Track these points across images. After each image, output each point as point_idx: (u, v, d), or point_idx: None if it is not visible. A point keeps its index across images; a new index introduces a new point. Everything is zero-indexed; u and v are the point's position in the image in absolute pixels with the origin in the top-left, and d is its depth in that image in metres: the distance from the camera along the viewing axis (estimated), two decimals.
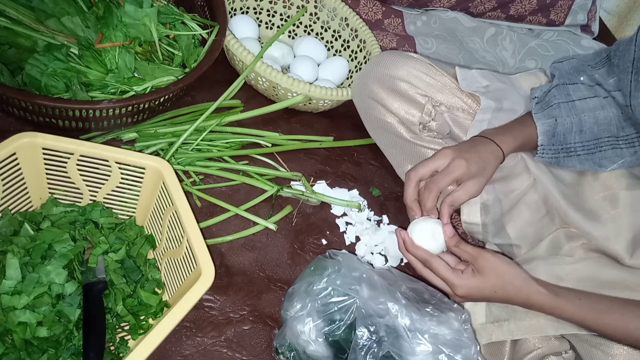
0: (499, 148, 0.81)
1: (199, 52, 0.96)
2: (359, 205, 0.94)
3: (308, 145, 1.02)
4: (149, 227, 0.78)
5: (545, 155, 0.84)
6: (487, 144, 0.81)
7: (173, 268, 0.72)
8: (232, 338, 0.77)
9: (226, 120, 0.97)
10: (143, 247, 0.74)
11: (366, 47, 1.14)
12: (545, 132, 0.83)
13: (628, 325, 0.68)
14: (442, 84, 0.92)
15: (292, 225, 0.92)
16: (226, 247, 0.86)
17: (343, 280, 0.71)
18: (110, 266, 0.69)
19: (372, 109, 0.97)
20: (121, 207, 0.78)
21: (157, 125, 0.92)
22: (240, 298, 0.81)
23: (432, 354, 0.67)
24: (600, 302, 0.70)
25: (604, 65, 0.85)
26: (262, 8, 1.21)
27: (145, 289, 0.71)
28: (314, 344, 0.69)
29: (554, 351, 0.75)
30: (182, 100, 0.97)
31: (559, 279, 0.78)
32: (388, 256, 0.93)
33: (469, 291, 0.70)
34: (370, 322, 0.68)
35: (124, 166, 0.72)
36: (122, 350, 0.67)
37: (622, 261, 0.77)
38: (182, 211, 0.68)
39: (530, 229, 0.86)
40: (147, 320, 0.71)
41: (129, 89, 0.88)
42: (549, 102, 0.84)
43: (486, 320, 0.78)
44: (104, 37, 0.87)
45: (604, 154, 0.82)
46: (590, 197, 0.83)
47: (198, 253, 0.65)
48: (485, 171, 0.79)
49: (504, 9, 1.35)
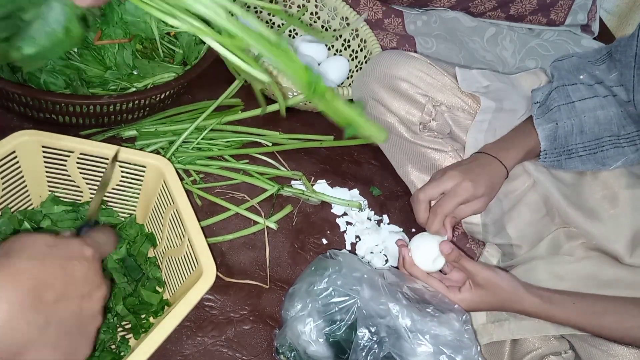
0: (503, 166, 0.83)
1: (199, 50, 0.95)
2: (360, 204, 0.94)
3: (308, 144, 1.02)
4: (150, 226, 0.78)
5: (547, 159, 0.84)
6: (492, 163, 0.83)
7: (174, 266, 0.72)
8: (232, 338, 0.77)
9: (227, 119, 0.96)
10: (144, 245, 0.74)
11: (367, 47, 1.13)
12: (546, 137, 0.83)
13: (624, 325, 0.69)
14: (443, 83, 0.92)
15: (292, 225, 0.92)
16: (226, 247, 0.86)
17: (344, 281, 0.71)
18: (110, 265, 0.69)
19: (372, 108, 0.97)
20: (121, 205, 0.77)
21: (157, 124, 0.91)
22: (240, 298, 0.81)
23: (433, 355, 0.67)
24: (596, 304, 0.71)
25: (604, 61, 0.85)
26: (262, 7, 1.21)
27: (146, 287, 0.71)
28: (315, 344, 0.69)
29: (553, 351, 0.75)
30: (182, 99, 0.97)
31: (559, 278, 0.78)
32: (388, 256, 0.93)
33: (468, 305, 0.73)
34: (371, 322, 0.68)
35: (125, 164, 0.72)
36: (123, 349, 0.67)
37: (622, 260, 0.78)
38: (183, 210, 0.68)
39: (531, 228, 0.86)
40: (148, 319, 0.70)
41: (129, 86, 0.88)
42: (549, 106, 0.84)
43: (487, 320, 0.79)
44: (103, 34, 0.87)
45: (605, 154, 0.82)
46: (590, 197, 0.84)
47: (199, 252, 0.65)
48: (492, 191, 0.82)
49: (504, 8, 1.35)
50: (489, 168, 0.83)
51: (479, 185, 0.79)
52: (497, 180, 0.82)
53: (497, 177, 0.83)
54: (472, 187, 0.79)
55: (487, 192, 0.81)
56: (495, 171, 0.83)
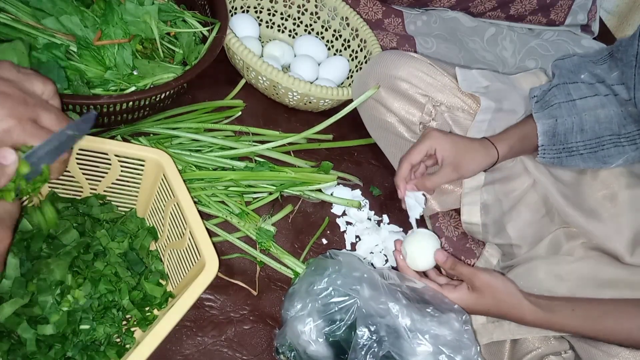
0: (491, 144, 0.84)
1: (199, 50, 0.95)
2: (359, 204, 0.94)
3: (308, 144, 1.02)
4: (150, 219, 0.78)
5: (547, 156, 0.84)
6: (480, 139, 0.85)
7: (176, 259, 0.72)
8: (232, 338, 0.77)
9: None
10: (145, 239, 0.75)
11: (367, 47, 1.13)
12: (545, 132, 0.83)
13: (623, 327, 0.69)
14: (443, 83, 0.92)
15: (292, 225, 0.92)
16: (227, 246, 0.86)
17: (344, 280, 0.71)
18: (113, 259, 0.69)
19: (372, 108, 0.97)
20: (122, 199, 0.78)
21: (157, 124, 0.91)
22: (240, 297, 0.81)
23: (433, 355, 0.67)
24: (594, 309, 0.71)
25: (605, 61, 0.85)
26: (262, 7, 1.21)
27: (149, 280, 0.71)
28: (315, 344, 0.69)
29: (553, 351, 0.75)
30: (182, 99, 0.97)
31: (559, 279, 0.78)
32: (388, 256, 0.93)
33: (464, 306, 0.73)
34: (370, 321, 0.68)
35: (124, 159, 0.72)
36: (127, 341, 0.67)
37: (622, 259, 0.78)
38: (183, 202, 0.68)
39: (530, 228, 0.86)
40: (152, 312, 0.71)
41: (129, 86, 0.88)
42: (549, 102, 0.84)
43: (487, 320, 0.79)
44: (103, 35, 0.87)
45: (606, 152, 0.82)
46: (590, 196, 0.84)
47: (201, 244, 0.65)
48: (470, 165, 0.82)
49: (504, 8, 1.35)
50: (472, 140, 0.84)
51: (459, 151, 0.81)
52: (478, 149, 0.83)
53: (480, 147, 0.83)
54: (451, 149, 0.81)
55: (464, 164, 0.82)
56: (480, 143, 0.84)
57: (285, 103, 1.07)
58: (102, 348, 0.65)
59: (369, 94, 0.94)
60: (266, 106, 1.07)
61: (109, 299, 0.66)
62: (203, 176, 0.86)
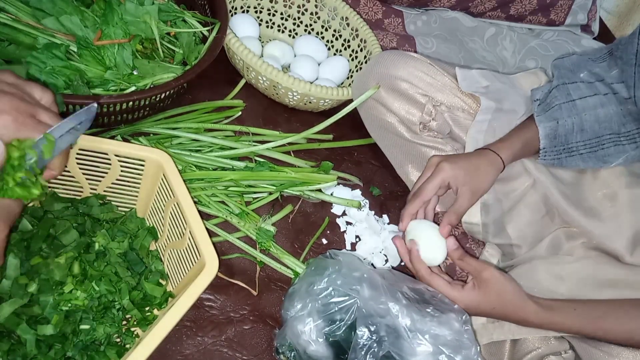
0: (496, 155, 0.83)
1: (199, 50, 0.95)
2: (359, 204, 0.94)
3: (308, 144, 1.02)
4: (150, 219, 0.78)
5: (547, 158, 0.84)
6: (483, 153, 0.83)
7: (176, 259, 0.72)
8: (232, 338, 0.77)
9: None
10: (145, 239, 0.75)
11: (367, 47, 1.13)
12: (547, 135, 0.83)
13: (624, 327, 0.69)
14: (443, 83, 0.92)
15: (292, 225, 0.92)
16: (227, 246, 0.86)
17: (344, 280, 0.71)
18: (113, 259, 0.69)
19: (372, 108, 0.97)
20: (122, 199, 0.78)
21: (157, 124, 0.91)
22: (240, 297, 0.81)
23: (433, 355, 0.67)
24: (596, 309, 0.71)
25: (605, 59, 0.85)
26: (262, 7, 1.21)
27: (149, 280, 0.71)
28: (315, 344, 0.69)
29: (553, 351, 0.75)
30: (182, 99, 0.97)
31: (559, 279, 0.78)
32: (388, 256, 0.93)
33: (469, 304, 0.72)
34: (370, 321, 0.68)
35: (124, 159, 0.72)
36: (127, 341, 0.67)
37: (622, 259, 0.78)
38: (183, 202, 0.68)
39: (531, 228, 0.86)
40: (152, 312, 0.71)
41: (129, 86, 0.88)
42: (550, 104, 0.84)
43: (487, 320, 0.79)
44: (103, 35, 0.87)
45: (606, 151, 0.82)
46: (590, 196, 0.84)
47: (201, 244, 0.65)
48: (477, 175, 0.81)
49: (504, 8, 1.35)
50: (478, 156, 0.83)
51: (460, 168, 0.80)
52: (484, 165, 0.82)
53: (486, 162, 0.82)
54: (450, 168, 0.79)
55: (479, 185, 0.80)
56: (485, 158, 0.82)
57: (285, 103, 1.07)
58: (102, 348, 0.65)
59: (369, 94, 0.94)
60: (266, 106, 1.07)
61: (109, 299, 0.66)
62: (203, 176, 0.86)
